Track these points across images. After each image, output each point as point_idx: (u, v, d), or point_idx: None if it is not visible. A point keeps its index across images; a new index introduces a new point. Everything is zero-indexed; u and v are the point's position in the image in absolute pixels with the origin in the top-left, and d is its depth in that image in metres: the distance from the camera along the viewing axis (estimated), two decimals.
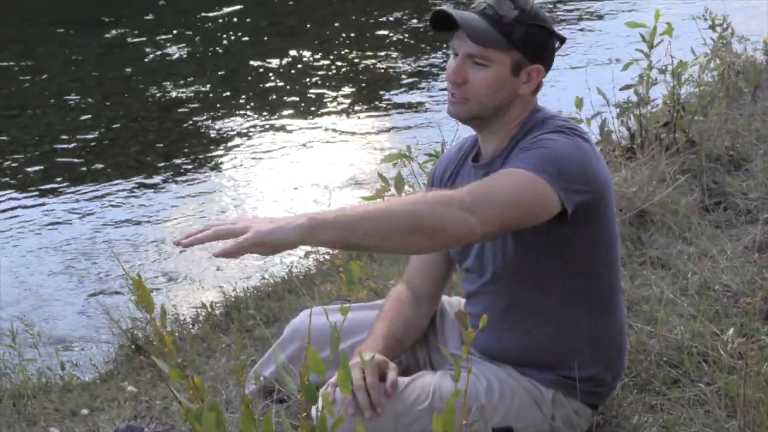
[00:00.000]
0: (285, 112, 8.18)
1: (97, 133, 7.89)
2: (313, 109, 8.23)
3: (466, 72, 2.22)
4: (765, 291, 2.99)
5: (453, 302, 2.65)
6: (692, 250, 3.48)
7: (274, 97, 8.60)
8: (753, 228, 3.62)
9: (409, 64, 9.14)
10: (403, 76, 8.83)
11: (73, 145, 7.67)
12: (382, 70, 8.99)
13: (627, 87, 4.35)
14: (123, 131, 7.90)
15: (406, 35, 10.07)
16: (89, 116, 8.27)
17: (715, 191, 4.04)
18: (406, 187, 3.69)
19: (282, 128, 7.84)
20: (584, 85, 4.55)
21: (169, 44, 10.20)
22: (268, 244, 1.84)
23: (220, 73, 9.27)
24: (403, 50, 9.61)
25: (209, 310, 4.26)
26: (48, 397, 3.55)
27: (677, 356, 2.72)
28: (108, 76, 9.23)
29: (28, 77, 9.34)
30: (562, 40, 2.31)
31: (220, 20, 11.07)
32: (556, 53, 2.31)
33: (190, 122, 8.02)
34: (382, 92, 8.51)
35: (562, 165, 2.12)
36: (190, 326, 4.22)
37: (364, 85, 8.78)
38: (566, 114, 4.12)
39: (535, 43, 2.22)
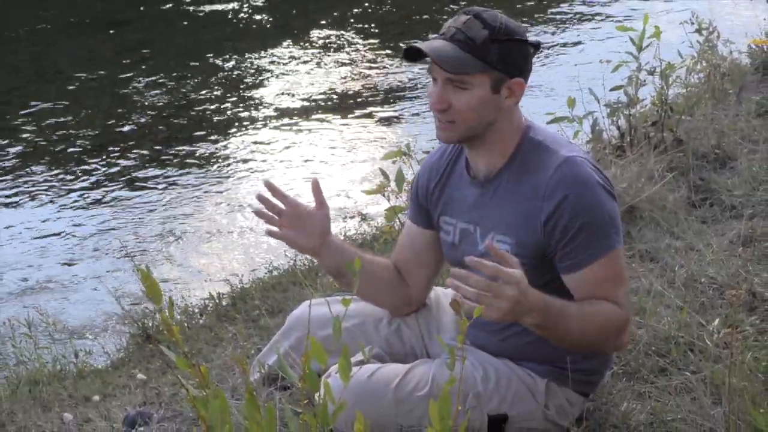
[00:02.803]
0: (289, 111, 8.16)
1: (108, 129, 7.88)
2: (316, 108, 8.22)
3: (448, 97, 2.16)
4: (749, 283, 2.98)
5: (449, 294, 2.64)
6: (679, 245, 3.47)
7: (279, 95, 8.58)
8: (737, 223, 3.60)
9: (409, 64, 9.11)
10: (403, 75, 8.81)
11: (85, 141, 7.66)
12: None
13: (617, 88, 4.33)
14: (134, 128, 7.89)
15: (406, 35, 10.05)
16: (101, 113, 8.27)
17: (702, 188, 4.02)
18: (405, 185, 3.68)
19: (286, 126, 7.83)
20: (576, 85, 4.54)
21: (178, 44, 10.19)
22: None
23: (226, 72, 9.25)
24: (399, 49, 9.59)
25: (216, 300, 4.26)
26: (62, 384, 3.55)
27: (665, 346, 2.71)
28: (119, 74, 9.22)
29: (41, 76, 9.33)
30: (537, 46, 2.24)
31: (227, 21, 11.05)
32: (534, 58, 2.25)
33: (199, 120, 8.01)
34: (382, 91, 8.49)
35: (614, 221, 2.17)
36: (199, 316, 4.22)
37: (364, 84, 8.76)
38: (558, 114, 4.14)
39: (511, 58, 2.15)
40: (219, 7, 11.61)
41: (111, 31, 10.72)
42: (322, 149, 7.23)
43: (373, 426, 2.06)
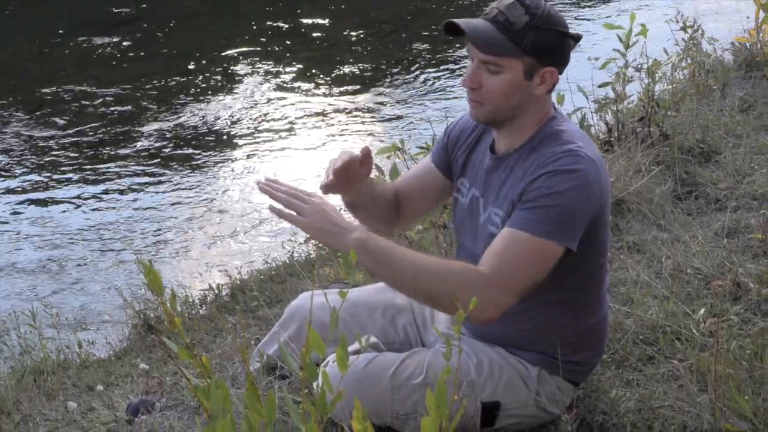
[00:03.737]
0: (285, 108, 8.15)
1: (111, 126, 7.87)
2: (311, 105, 8.21)
3: (480, 78, 2.14)
4: (734, 274, 2.98)
5: None
6: (666, 236, 3.47)
7: (275, 93, 8.57)
8: (722, 215, 3.61)
9: (400, 62, 9.10)
10: (396, 74, 8.80)
11: (88, 138, 7.65)
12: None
13: (605, 84, 4.33)
14: (136, 125, 7.87)
15: (401, 34, 10.03)
16: (104, 111, 8.25)
17: (687, 181, 4.02)
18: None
19: (282, 121, 7.82)
20: (565, 82, 4.51)
21: (175, 45, 10.16)
22: (316, 240, 2.08)
23: (224, 71, 9.23)
24: (394, 48, 9.57)
25: (216, 292, 4.25)
26: (66, 374, 3.55)
27: (652, 335, 2.71)
28: (120, 74, 9.19)
29: (46, 75, 9.30)
30: (577, 38, 2.18)
31: (224, 23, 11.02)
32: (571, 51, 2.19)
33: (199, 117, 7.99)
34: (376, 89, 8.48)
35: (571, 221, 2.05)
36: (199, 307, 4.21)
37: (359, 82, 8.75)
38: None
39: (546, 47, 2.11)
40: (214, 9, 11.58)
41: (109, 33, 10.68)
42: (317, 146, 7.21)
43: (370, 413, 2.06)
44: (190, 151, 7.25)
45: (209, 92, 8.63)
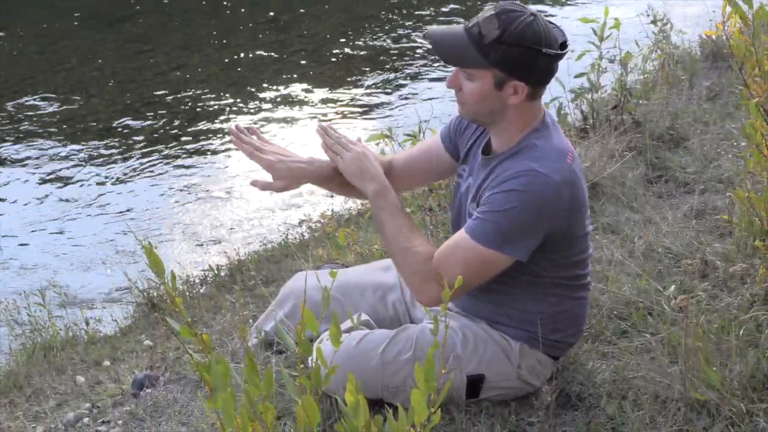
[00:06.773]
0: (279, 97, 8.11)
1: (114, 116, 7.81)
2: (303, 93, 8.17)
3: (459, 81, 2.12)
4: (702, 253, 2.98)
5: None
6: (638, 218, 3.46)
7: (269, 83, 8.52)
8: (690, 198, 3.61)
9: (390, 55, 9.07)
10: (384, 67, 8.76)
11: (93, 126, 7.59)
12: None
13: (580, 75, 4.32)
14: (137, 114, 7.81)
15: (387, 28, 9.99)
16: (107, 101, 8.18)
17: (658, 166, 4.02)
18: None
19: (277, 109, 7.78)
20: None
21: (176, 38, 10.10)
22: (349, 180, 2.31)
23: (221, 64, 9.17)
24: (383, 42, 9.53)
25: (215, 271, 4.23)
26: (74, 349, 3.53)
27: (626, 310, 2.71)
28: (123, 66, 9.12)
29: (52, 68, 9.23)
30: (558, 56, 2.09)
31: (222, 18, 10.95)
32: (550, 66, 2.09)
33: (197, 107, 7.94)
34: (365, 80, 8.44)
35: (517, 235, 2.07)
36: (199, 286, 4.20)
37: (350, 72, 8.71)
38: None
39: (514, 63, 2.04)
40: (211, 5, 11.51)
41: (112, 26, 10.60)
42: (311, 133, 7.17)
43: (362, 387, 2.05)
44: (190, 138, 7.20)
45: (206, 84, 8.57)
